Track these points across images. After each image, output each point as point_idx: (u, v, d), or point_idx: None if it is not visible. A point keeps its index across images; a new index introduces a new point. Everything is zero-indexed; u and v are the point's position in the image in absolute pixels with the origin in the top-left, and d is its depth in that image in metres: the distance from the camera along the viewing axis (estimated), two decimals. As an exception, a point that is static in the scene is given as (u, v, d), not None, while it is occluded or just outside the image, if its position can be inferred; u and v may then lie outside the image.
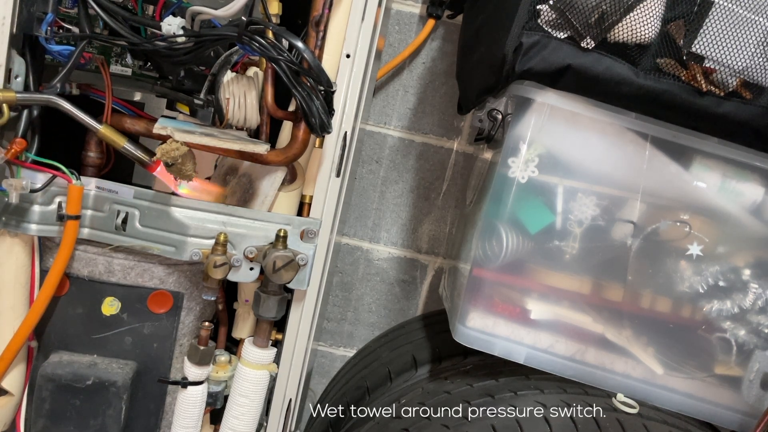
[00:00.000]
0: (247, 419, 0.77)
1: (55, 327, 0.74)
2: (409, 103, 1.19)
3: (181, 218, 0.71)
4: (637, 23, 0.68)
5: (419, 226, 1.23)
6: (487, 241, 0.79)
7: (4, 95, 0.63)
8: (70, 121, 0.68)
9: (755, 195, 0.77)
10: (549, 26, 0.70)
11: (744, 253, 0.78)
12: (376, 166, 1.21)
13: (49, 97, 0.66)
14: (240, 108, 0.72)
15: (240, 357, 0.78)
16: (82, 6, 0.68)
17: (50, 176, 0.67)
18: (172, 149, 0.65)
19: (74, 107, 0.67)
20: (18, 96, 0.64)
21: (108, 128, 0.69)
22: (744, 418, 0.79)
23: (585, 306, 0.81)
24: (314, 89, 0.62)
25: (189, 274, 0.77)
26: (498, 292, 0.81)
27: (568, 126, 0.76)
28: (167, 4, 0.69)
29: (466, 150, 1.19)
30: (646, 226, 0.78)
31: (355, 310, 1.26)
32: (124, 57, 0.84)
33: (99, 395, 0.72)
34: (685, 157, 0.76)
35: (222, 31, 0.62)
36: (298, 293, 0.78)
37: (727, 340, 0.79)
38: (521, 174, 0.76)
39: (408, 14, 1.15)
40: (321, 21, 0.70)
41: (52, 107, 0.67)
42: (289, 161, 0.72)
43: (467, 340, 0.81)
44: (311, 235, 0.74)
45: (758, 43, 0.68)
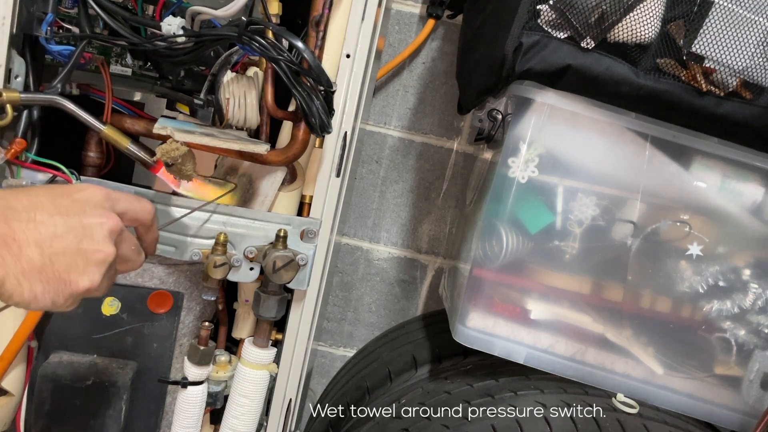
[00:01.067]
0: (247, 419, 0.77)
1: (55, 327, 0.74)
2: (409, 103, 1.19)
3: (179, 216, 0.71)
4: (637, 23, 0.68)
5: (419, 226, 1.23)
6: (487, 241, 0.79)
7: (9, 96, 0.63)
8: (70, 121, 0.68)
9: (755, 195, 0.77)
10: (549, 26, 0.70)
11: (744, 253, 0.78)
12: (376, 166, 1.21)
13: (53, 97, 0.66)
14: (240, 108, 0.72)
15: (240, 357, 0.78)
16: (82, 6, 0.68)
17: (50, 176, 0.67)
18: (172, 149, 0.65)
19: (78, 108, 0.67)
20: (22, 96, 0.64)
21: (112, 129, 0.69)
22: (744, 418, 0.79)
23: (585, 306, 0.81)
24: (314, 89, 0.62)
25: (189, 274, 0.77)
26: (498, 292, 0.81)
27: (568, 126, 0.76)
28: (167, 4, 0.69)
29: (466, 150, 1.19)
30: (646, 226, 0.78)
31: (355, 310, 1.26)
32: (124, 57, 0.84)
33: (99, 395, 0.72)
34: (685, 157, 0.76)
35: (222, 31, 0.62)
36: (298, 293, 0.78)
37: (727, 340, 0.79)
38: (521, 174, 0.76)
39: (408, 14, 1.15)
40: (321, 21, 0.70)
41: (55, 107, 0.67)
42: (289, 161, 0.72)
43: (467, 340, 0.81)
44: (311, 235, 0.74)
45: (758, 43, 0.68)
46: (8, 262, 0.43)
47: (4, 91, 0.63)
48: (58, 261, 0.46)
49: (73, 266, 0.47)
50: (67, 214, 0.47)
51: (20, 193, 0.47)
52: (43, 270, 0.45)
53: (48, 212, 0.46)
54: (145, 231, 0.57)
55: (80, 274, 0.47)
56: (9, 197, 0.46)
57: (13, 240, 0.44)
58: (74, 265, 0.47)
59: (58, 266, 0.46)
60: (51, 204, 0.47)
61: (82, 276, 0.47)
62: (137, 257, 0.55)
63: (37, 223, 0.45)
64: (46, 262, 0.45)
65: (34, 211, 0.46)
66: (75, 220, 0.47)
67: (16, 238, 0.44)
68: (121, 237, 0.51)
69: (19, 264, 0.44)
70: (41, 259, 0.45)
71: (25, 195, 0.46)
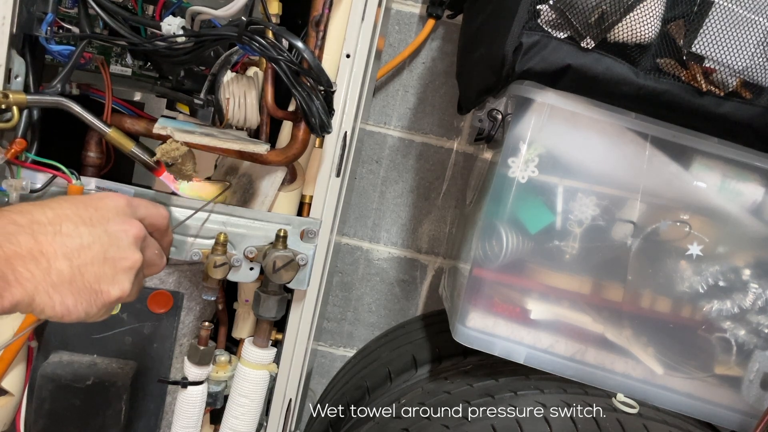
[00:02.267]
0: (247, 419, 0.77)
1: (55, 327, 0.74)
2: (409, 103, 1.19)
3: (182, 218, 0.71)
4: (637, 23, 0.68)
5: (419, 226, 1.23)
6: (487, 241, 0.79)
7: (15, 97, 0.63)
8: (70, 121, 0.68)
9: (755, 195, 0.77)
10: (549, 26, 0.70)
11: (744, 253, 0.78)
12: (376, 166, 1.21)
13: (59, 99, 0.66)
14: (240, 108, 0.72)
15: (240, 357, 0.78)
16: (82, 6, 0.68)
17: (50, 176, 0.67)
18: (172, 149, 0.65)
19: (84, 110, 0.67)
20: (28, 98, 0.64)
21: (116, 131, 0.69)
22: (744, 418, 0.79)
23: (585, 306, 0.81)
24: (314, 89, 0.62)
25: (189, 274, 0.77)
26: (498, 292, 0.81)
27: (568, 126, 0.76)
28: (167, 4, 0.69)
29: (466, 150, 1.19)
30: (646, 226, 0.78)
31: (355, 310, 1.26)
32: (124, 57, 0.84)
33: (99, 395, 0.72)
34: (685, 157, 0.76)
35: (222, 31, 0.62)
36: (298, 293, 0.78)
37: (727, 340, 0.79)
38: (521, 174, 0.76)
39: (408, 14, 1.15)
40: (321, 21, 0.70)
41: (61, 109, 0.67)
42: (289, 161, 0.72)
43: (467, 340, 0.81)
44: (311, 235, 0.74)
45: (758, 43, 0.68)
46: (37, 277, 0.43)
47: (10, 92, 0.63)
48: (87, 271, 0.46)
49: (102, 275, 0.47)
50: (92, 223, 0.48)
51: (45, 207, 0.47)
52: (74, 282, 0.45)
53: (73, 223, 0.47)
54: (161, 236, 0.57)
55: (110, 283, 0.47)
56: (34, 211, 0.46)
57: (41, 254, 0.44)
58: (103, 275, 0.47)
59: (88, 277, 0.46)
60: (75, 215, 0.47)
61: (113, 285, 0.48)
62: (161, 261, 0.56)
63: (64, 236, 0.45)
64: (76, 274, 0.45)
65: (59, 224, 0.46)
66: (100, 229, 0.48)
67: (44, 251, 0.44)
68: (145, 242, 0.52)
69: (49, 278, 0.44)
70: (71, 271, 0.45)
71: (50, 208, 0.47)
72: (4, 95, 0.62)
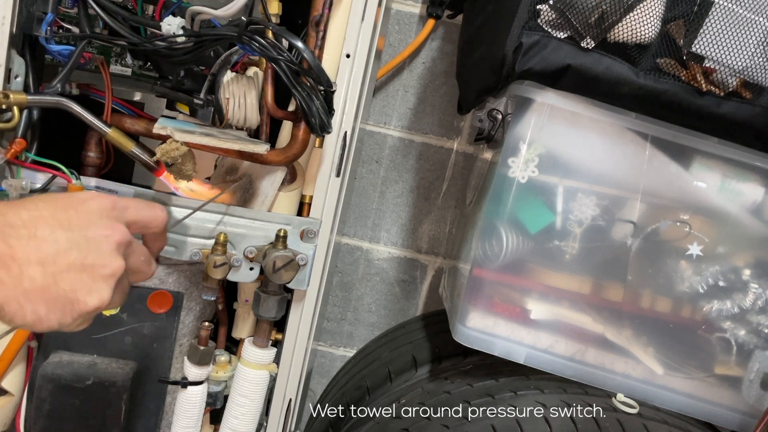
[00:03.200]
0: (247, 419, 0.77)
1: (55, 327, 0.74)
2: (409, 103, 1.19)
3: (181, 218, 0.71)
4: (637, 23, 0.68)
5: (419, 226, 1.23)
6: (487, 241, 0.79)
7: (16, 97, 0.63)
8: (70, 120, 0.68)
9: (755, 195, 0.77)
10: (549, 26, 0.70)
11: (744, 253, 0.78)
12: (376, 166, 1.21)
13: (59, 99, 0.66)
14: (240, 108, 0.72)
15: (240, 357, 0.78)
16: (82, 6, 0.68)
17: (50, 176, 0.67)
18: (172, 149, 0.65)
19: (84, 110, 0.67)
20: (29, 98, 0.64)
21: (116, 131, 0.69)
22: (744, 418, 0.79)
23: (585, 306, 0.81)
24: (314, 89, 0.62)
25: (189, 274, 0.77)
26: (498, 292, 0.81)
27: (568, 126, 0.76)
28: (167, 4, 0.69)
29: (466, 150, 1.19)
30: (646, 226, 0.78)
31: (355, 310, 1.26)
32: (124, 57, 0.84)
33: (99, 395, 0.72)
34: (685, 157, 0.76)
35: (222, 31, 0.62)
36: (298, 293, 0.78)
37: (727, 340, 0.79)
38: (521, 174, 0.76)
39: (408, 14, 1.15)
40: (321, 21, 0.70)
41: (61, 109, 0.67)
42: (289, 161, 0.72)
43: (467, 340, 0.81)
44: (311, 235, 0.74)
45: (758, 43, 0.68)
46: (7, 285, 0.41)
47: (10, 92, 0.63)
48: (62, 279, 0.43)
49: (79, 284, 0.44)
50: (71, 227, 0.44)
51: (20, 207, 0.43)
52: (47, 290, 0.42)
53: (50, 226, 0.43)
54: (153, 239, 0.54)
55: (87, 292, 0.44)
56: (8, 212, 0.43)
57: (12, 260, 0.41)
58: (80, 283, 0.44)
59: (63, 285, 0.43)
60: (53, 217, 0.44)
61: (90, 294, 0.44)
62: (148, 268, 0.52)
63: (38, 240, 0.42)
64: (50, 282, 0.42)
65: (34, 227, 0.43)
66: (79, 234, 0.44)
67: (15, 257, 0.41)
68: (129, 249, 0.48)
69: (20, 285, 0.41)
70: (44, 278, 0.42)
71: (25, 209, 0.43)
72: (4, 95, 0.62)
